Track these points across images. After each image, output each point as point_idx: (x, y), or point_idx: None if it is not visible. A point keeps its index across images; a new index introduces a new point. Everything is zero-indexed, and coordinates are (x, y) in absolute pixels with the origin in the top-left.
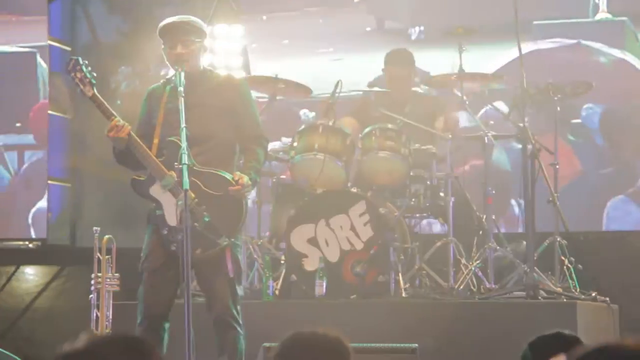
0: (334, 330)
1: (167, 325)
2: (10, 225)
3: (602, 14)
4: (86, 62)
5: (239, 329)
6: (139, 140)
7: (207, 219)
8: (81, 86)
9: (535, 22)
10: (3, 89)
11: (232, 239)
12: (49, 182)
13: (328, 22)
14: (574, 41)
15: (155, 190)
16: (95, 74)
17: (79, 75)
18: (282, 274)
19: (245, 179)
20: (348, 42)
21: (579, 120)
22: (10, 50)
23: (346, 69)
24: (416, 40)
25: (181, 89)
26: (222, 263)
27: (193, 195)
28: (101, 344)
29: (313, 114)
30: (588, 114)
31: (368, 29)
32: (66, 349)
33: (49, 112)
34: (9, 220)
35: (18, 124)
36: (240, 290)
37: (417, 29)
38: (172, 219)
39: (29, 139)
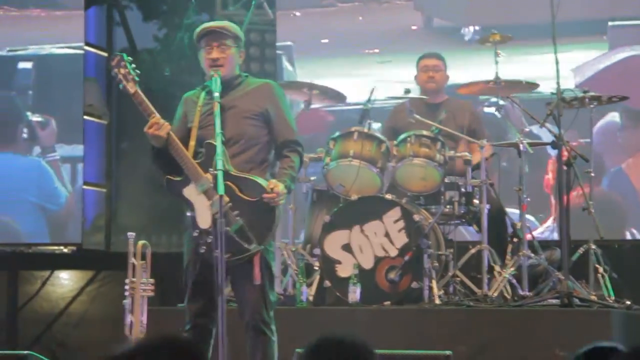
0: (360, 336)
1: (214, 330)
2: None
3: None
4: (130, 59)
5: (270, 335)
6: (177, 140)
7: (239, 225)
8: (124, 82)
9: (610, 24)
10: (53, 94)
11: (262, 246)
12: (84, 187)
13: (368, 19)
14: None
15: (189, 192)
16: (139, 72)
17: (122, 71)
18: (316, 280)
19: (281, 187)
20: (395, 43)
21: None
22: (58, 52)
23: (395, 71)
24: (470, 41)
25: (217, 94)
26: (252, 269)
27: (227, 199)
28: (151, 347)
29: (379, 124)
30: None
31: (414, 27)
32: (115, 351)
33: (84, 117)
34: (66, 238)
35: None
36: (273, 296)
37: (471, 28)
38: (203, 222)
39: (82, 150)
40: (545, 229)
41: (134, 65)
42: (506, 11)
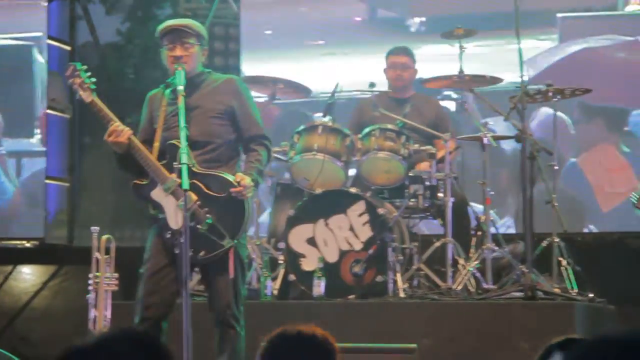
0: (320, 329)
1: (164, 325)
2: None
3: (635, 6)
4: (85, 67)
5: (239, 329)
6: (139, 144)
7: (210, 221)
8: (80, 91)
9: (560, 15)
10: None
11: (236, 240)
12: (47, 181)
13: (312, 10)
14: (632, 38)
15: (157, 194)
16: (94, 79)
17: (77, 81)
18: (281, 274)
19: (247, 180)
20: (339, 34)
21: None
22: (3, 43)
23: (341, 65)
24: (416, 32)
25: (181, 87)
26: (226, 264)
27: (195, 197)
28: (113, 340)
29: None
30: (637, 121)
31: (358, 18)
32: (77, 343)
33: (47, 111)
34: (11, 233)
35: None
36: (244, 291)
37: (417, 20)
38: (174, 222)
39: (26, 144)
40: (501, 225)
41: (88, 74)
42: (452, 2)
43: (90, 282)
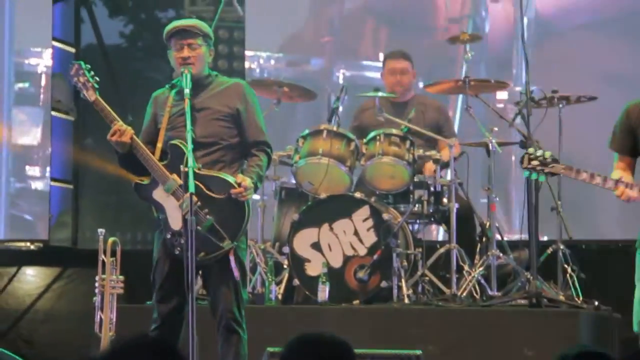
0: (339, 335)
1: (180, 330)
2: None
3: None
4: (89, 66)
5: (242, 333)
6: (141, 144)
7: (209, 222)
8: (84, 91)
9: None
10: None
11: (236, 242)
12: (52, 183)
13: None
14: None
15: (159, 194)
16: (98, 79)
17: (82, 79)
18: (285, 279)
19: (248, 181)
20: None
21: None
22: None
23: None
24: None
25: (187, 90)
26: (227, 266)
27: (196, 198)
28: (130, 347)
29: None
30: None
31: None
32: (94, 354)
33: (52, 113)
34: None
35: None
36: (245, 294)
37: None
38: (175, 223)
39: None
40: None
41: (92, 73)
42: None
43: (96, 284)
